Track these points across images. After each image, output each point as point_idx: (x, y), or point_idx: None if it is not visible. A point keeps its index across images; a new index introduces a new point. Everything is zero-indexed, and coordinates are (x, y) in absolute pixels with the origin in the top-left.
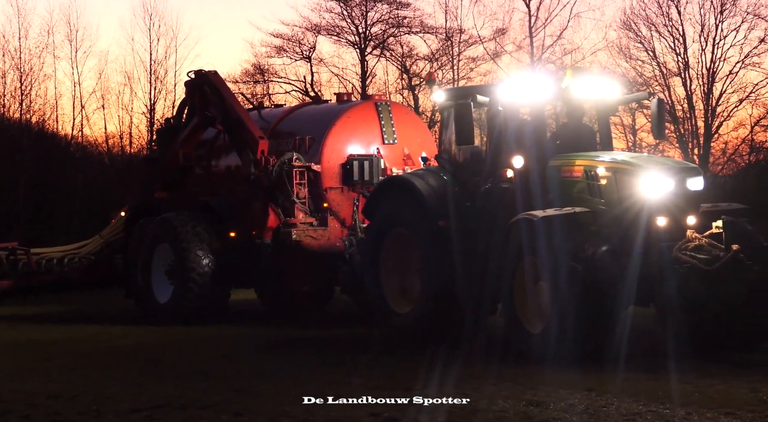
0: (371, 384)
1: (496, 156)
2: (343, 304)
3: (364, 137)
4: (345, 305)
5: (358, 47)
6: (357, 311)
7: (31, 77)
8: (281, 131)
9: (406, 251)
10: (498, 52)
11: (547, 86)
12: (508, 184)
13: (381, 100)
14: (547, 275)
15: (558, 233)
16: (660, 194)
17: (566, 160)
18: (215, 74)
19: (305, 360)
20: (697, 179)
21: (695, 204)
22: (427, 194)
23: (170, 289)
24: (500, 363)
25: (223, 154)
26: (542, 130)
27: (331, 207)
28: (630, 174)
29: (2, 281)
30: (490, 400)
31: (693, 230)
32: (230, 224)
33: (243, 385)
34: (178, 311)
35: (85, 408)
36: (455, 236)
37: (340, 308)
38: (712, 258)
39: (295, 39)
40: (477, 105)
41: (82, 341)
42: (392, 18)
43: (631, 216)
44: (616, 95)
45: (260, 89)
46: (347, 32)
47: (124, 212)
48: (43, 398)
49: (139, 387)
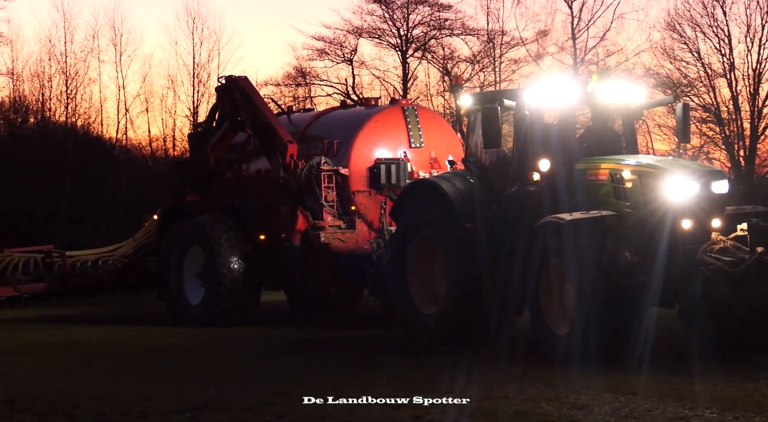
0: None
1: (523, 159)
2: (371, 306)
3: (391, 141)
4: (372, 307)
5: (400, 50)
6: (384, 313)
7: (76, 81)
8: (310, 135)
9: (433, 253)
10: (540, 54)
11: (573, 91)
12: (534, 187)
13: (408, 104)
14: (573, 277)
15: (585, 237)
16: (685, 197)
17: (592, 163)
18: (245, 80)
19: (341, 362)
20: (722, 182)
21: (720, 207)
22: (454, 196)
23: (201, 291)
24: (534, 364)
25: (253, 158)
26: (568, 133)
27: (359, 210)
28: (655, 177)
29: (37, 284)
30: (535, 403)
31: (718, 232)
32: (260, 227)
33: (282, 387)
34: (209, 312)
35: (128, 409)
36: (481, 238)
37: (367, 310)
38: (737, 260)
39: (336, 42)
40: (504, 109)
41: (122, 343)
42: (434, 20)
43: (657, 219)
44: (642, 100)
45: (302, 92)
46: (389, 35)
47: (157, 215)
48: (87, 399)
49: (179, 389)
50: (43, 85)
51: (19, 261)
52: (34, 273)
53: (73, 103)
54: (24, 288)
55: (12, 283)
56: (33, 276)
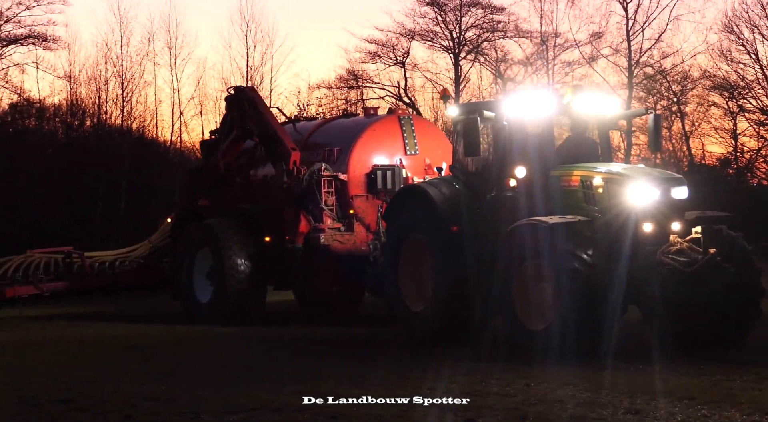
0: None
1: (501, 166)
2: (371, 306)
3: (388, 149)
4: (373, 307)
5: (452, 52)
6: (384, 312)
7: (132, 84)
8: (313, 142)
9: (422, 254)
10: (594, 56)
11: (549, 102)
12: (511, 192)
13: (404, 114)
14: (550, 278)
15: (561, 239)
16: (646, 202)
17: (566, 170)
18: (253, 90)
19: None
20: (681, 188)
21: (679, 211)
22: (440, 201)
23: (210, 290)
24: (585, 367)
25: (260, 164)
26: (544, 142)
27: (357, 213)
28: (620, 184)
29: (57, 283)
30: (588, 407)
31: (676, 235)
32: (266, 230)
33: (331, 388)
34: (217, 310)
35: (182, 409)
36: (467, 240)
37: (368, 310)
38: (691, 261)
39: (389, 44)
40: (483, 120)
41: (176, 342)
42: (487, 23)
43: (620, 222)
44: (616, 111)
45: (354, 95)
46: (441, 37)
47: (171, 218)
48: (142, 399)
49: (232, 390)
50: (99, 88)
51: (41, 261)
52: (54, 273)
53: (128, 107)
54: (45, 287)
55: (33, 282)
56: (53, 276)
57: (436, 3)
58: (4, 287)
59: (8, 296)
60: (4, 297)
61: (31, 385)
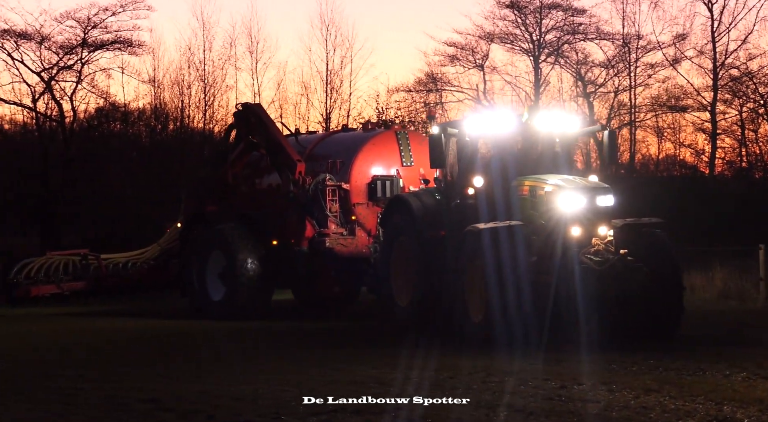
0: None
1: (464, 177)
2: (365, 303)
3: (386, 161)
4: (368, 304)
5: (532, 55)
6: (379, 309)
7: (214, 88)
8: (315, 154)
9: (407, 256)
10: (678, 58)
11: (508, 121)
12: (471, 200)
13: (399, 129)
14: (488, 277)
15: (500, 242)
16: (574, 208)
17: (521, 181)
18: (259, 106)
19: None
20: (607, 196)
21: (605, 217)
22: (418, 210)
23: (222, 289)
24: (645, 371)
25: (266, 174)
26: (504, 156)
27: (358, 219)
28: (555, 193)
29: (77, 283)
30: (673, 414)
31: (597, 238)
32: (272, 234)
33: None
34: (230, 308)
35: (265, 410)
36: (445, 244)
37: (364, 306)
38: (604, 260)
39: (468, 47)
40: (448, 136)
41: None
42: (567, 25)
43: (552, 227)
44: (575, 128)
45: (433, 98)
46: (521, 40)
47: (180, 223)
48: (227, 399)
49: (313, 391)
50: (182, 92)
51: (60, 263)
52: (72, 273)
53: (210, 110)
54: (65, 286)
55: (55, 282)
56: (72, 276)
57: (516, 5)
58: (29, 286)
59: (33, 294)
60: (29, 295)
61: (112, 384)
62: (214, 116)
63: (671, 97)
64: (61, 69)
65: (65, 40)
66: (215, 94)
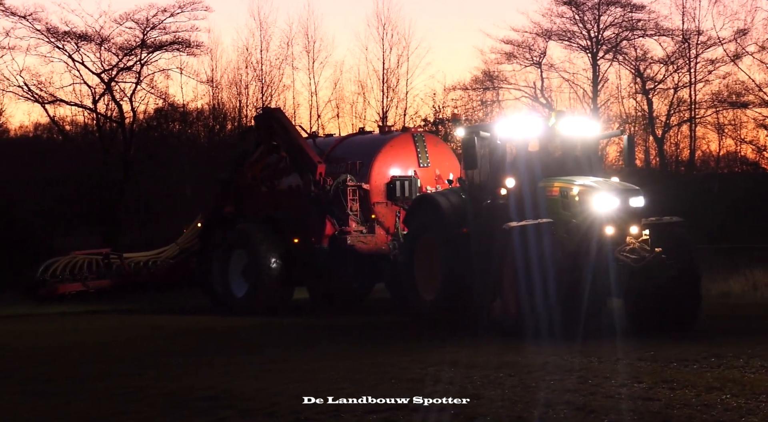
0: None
1: (495, 179)
2: (377, 298)
3: (404, 162)
4: (380, 298)
5: (590, 52)
6: (392, 304)
7: (271, 88)
8: (334, 156)
9: (432, 252)
10: (739, 54)
11: (537, 125)
12: (502, 200)
13: (417, 131)
14: (522, 271)
15: (531, 239)
16: (608, 209)
17: (549, 182)
18: (279, 111)
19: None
20: (638, 198)
21: (636, 217)
22: (446, 208)
23: (245, 286)
24: (711, 367)
25: (284, 175)
26: (532, 158)
27: (378, 218)
28: (589, 194)
29: (102, 281)
30: (736, 413)
31: (631, 236)
32: (293, 233)
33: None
34: (253, 304)
35: (325, 407)
36: (471, 240)
37: (376, 301)
38: (640, 258)
39: (525, 45)
40: (481, 139)
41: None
42: (626, 21)
43: (587, 226)
44: (596, 132)
45: (490, 96)
46: (579, 37)
47: (200, 223)
48: (286, 397)
49: (371, 390)
50: (240, 92)
51: (84, 262)
52: (96, 272)
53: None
54: (91, 284)
55: (81, 280)
56: (96, 275)
57: (573, 2)
58: (57, 284)
59: (60, 292)
60: (56, 293)
61: (172, 381)
62: None
63: (732, 94)
64: (121, 70)
65: (124, 42)
66: (272, 94)
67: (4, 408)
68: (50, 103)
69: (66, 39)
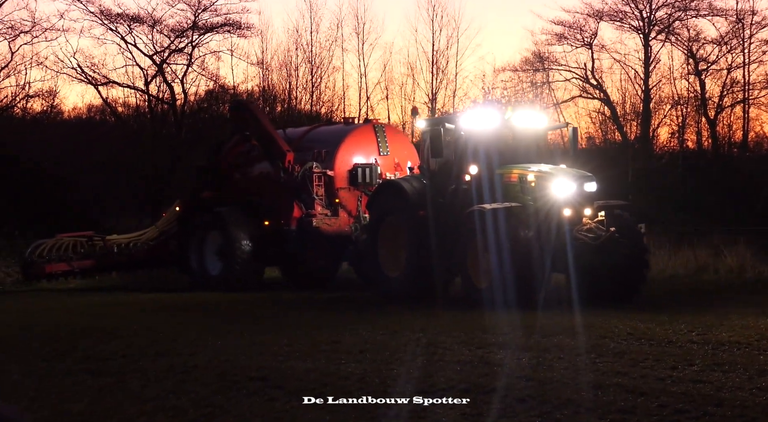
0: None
1: (459, 166)
2: (345, 277)
3: (365, 150)
4: (348, 277)
5: (642, 32)
6: (357, 281)
7: (321, 70)
8: (302, 145)
9: (396, 233)
10: None
11: (495, 117)
12: (466, 185)
13: (377, 123)
14: (492, 248)
15: (500, 220)
16: (566, 193)
17: (507, 169)
18: (252, 102)
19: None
20: (591, 183)
21: (590, 200)
22: (411, 192)
23: (219, 265)
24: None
25: (256, 163)
26: (491, 147)
27: (341, 202)
28: (546, 180)
29: (86, 261)
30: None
31: (587, 218)
32: (263, 216)
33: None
34: (226, 281)
35: (374, 387)
36: (431, 222)
37: (344, 278)
38: (597, 236)
39: (576, 26)
40: (446, 129)
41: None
42: (678, 1)
43: (547, 209)
44: (544, 124)
45: (540, 77)
46: (630, 17)
47: (178, 207)
48: (336, 378)
49: (420, 371)
50: (290, 74)
51: (69, 243)
52: (81, 253)
53: (317, 92)
54: (76, 264)
55: (66, 260)
56: (81, 255)
57: None
58: (44, 264)
59: (47, 271)
60: (44, 272)
61: (223, 362)
62: (321, 98)
63: None
64: (173, 52)
65: (176, 24)
66: (322, 75)
67: (59, 387)
68: (103, 85)
69: (119, 21)
